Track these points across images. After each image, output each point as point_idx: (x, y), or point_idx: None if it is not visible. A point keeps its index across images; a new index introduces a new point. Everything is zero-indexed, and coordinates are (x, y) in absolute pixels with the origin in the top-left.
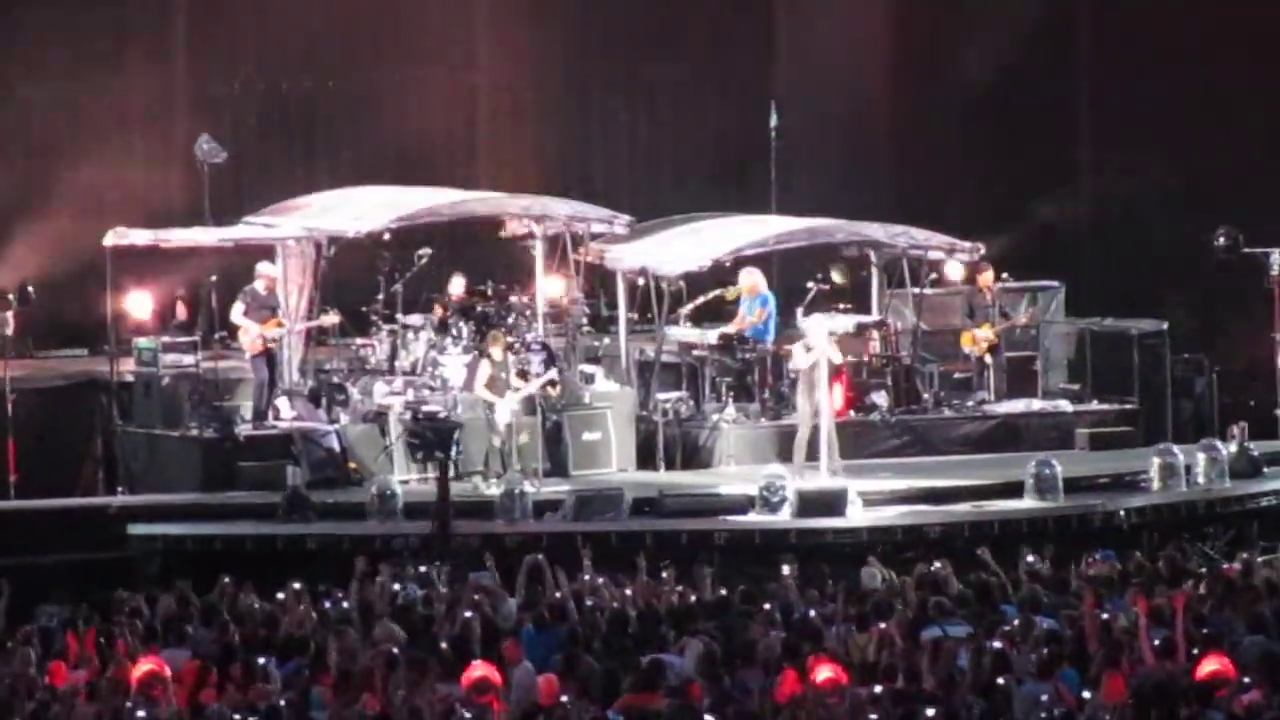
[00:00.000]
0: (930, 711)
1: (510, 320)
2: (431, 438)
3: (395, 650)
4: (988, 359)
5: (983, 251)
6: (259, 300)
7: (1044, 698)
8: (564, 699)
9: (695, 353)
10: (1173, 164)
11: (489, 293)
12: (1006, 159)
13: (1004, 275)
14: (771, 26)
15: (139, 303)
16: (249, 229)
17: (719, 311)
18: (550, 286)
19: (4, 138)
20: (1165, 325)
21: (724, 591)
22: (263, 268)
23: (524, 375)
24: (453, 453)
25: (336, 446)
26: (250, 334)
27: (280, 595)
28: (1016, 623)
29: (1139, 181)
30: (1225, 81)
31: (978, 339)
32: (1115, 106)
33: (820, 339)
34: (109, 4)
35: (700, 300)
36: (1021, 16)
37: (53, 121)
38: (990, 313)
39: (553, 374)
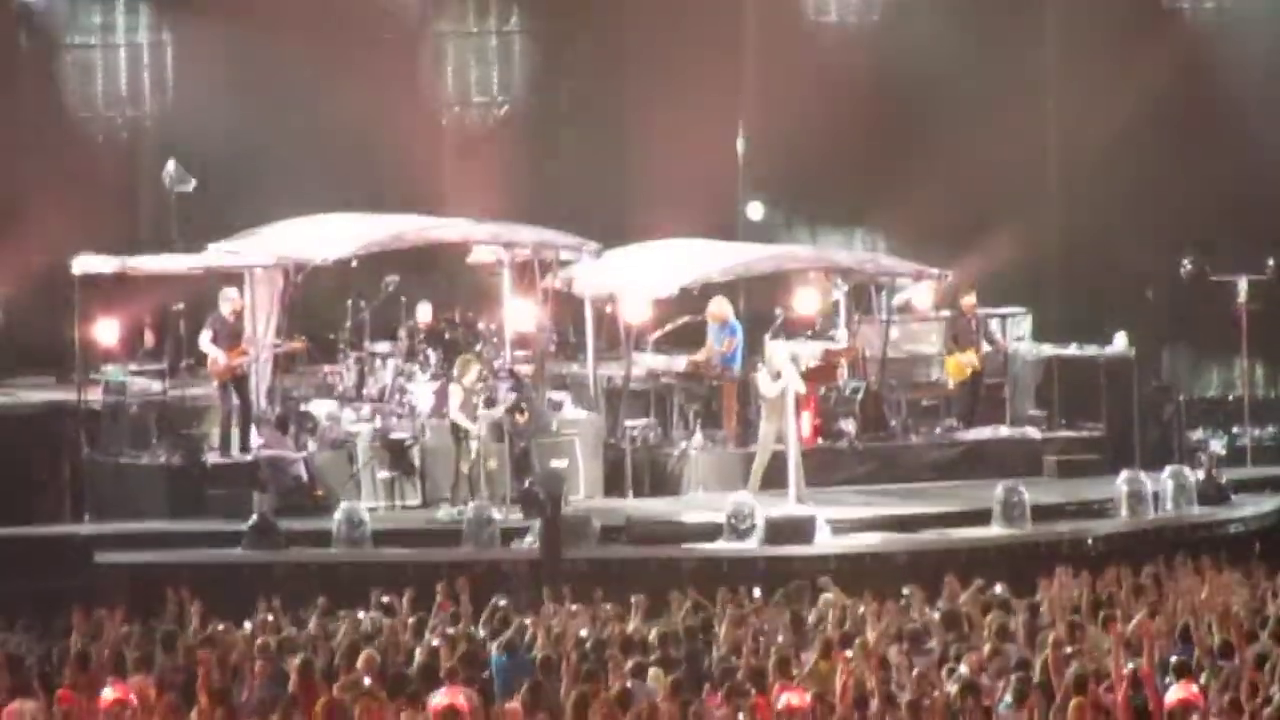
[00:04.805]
0: None
1: (478, 348)
2: (541, 494)
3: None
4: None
5: (950, 277)
6: (226, 327)
7: None
8: None
9: (663, 379)
10: (1140, 193)
11: (456, 320)
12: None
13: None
14: (740, 53)
15: (107, 330)
16: (217, 256)
17: (687, 338)
18: (518, 314)
19: None
20: (1133, 352)
21: (691, 619)
22: (228, 293)
23: (490, 403)
24: (563, 504)
25: (304, 473)
26: (218, 362)
27: (248, 624)
28: (986, 650)
29: (1105, 210)
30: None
31: (962, 364)
32: (1078, 135)
33: (784, 365)
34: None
35: (669, 327)
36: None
37: (19, 148)
38: (975, 337)
39: (513, 399)
